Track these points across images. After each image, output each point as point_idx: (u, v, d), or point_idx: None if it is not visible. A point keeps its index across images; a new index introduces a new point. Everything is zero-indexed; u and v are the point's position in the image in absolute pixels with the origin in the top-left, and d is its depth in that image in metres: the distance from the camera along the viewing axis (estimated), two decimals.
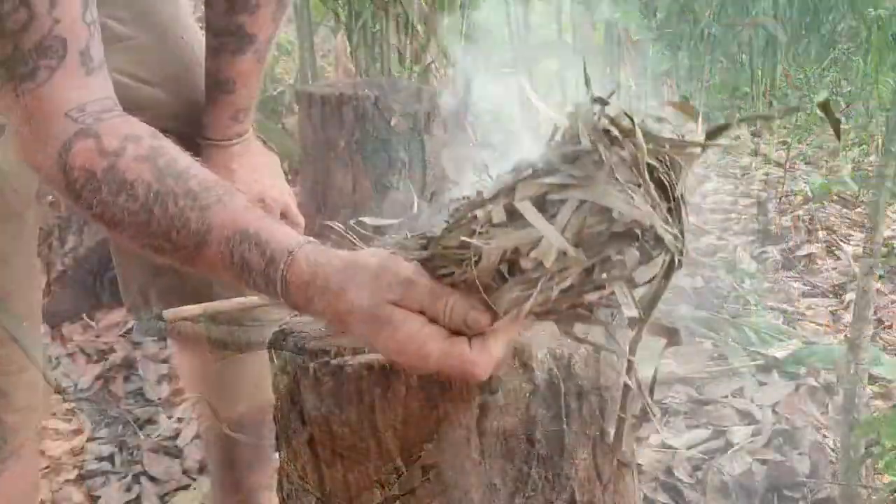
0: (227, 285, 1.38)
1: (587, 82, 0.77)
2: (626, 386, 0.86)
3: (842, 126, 5.04)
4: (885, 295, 2.72)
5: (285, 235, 0.85)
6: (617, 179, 0.72)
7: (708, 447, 2.02)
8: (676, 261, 0.76)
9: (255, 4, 1.24)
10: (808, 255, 3.06)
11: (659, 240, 0.74)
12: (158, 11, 1.32)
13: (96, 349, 2.72)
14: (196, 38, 1.38)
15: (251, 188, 1.32)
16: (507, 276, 0.76)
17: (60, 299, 2.87)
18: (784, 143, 4.44)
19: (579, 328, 0.82)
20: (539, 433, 0.90)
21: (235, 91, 1.29)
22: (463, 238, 0.76)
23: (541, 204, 0.74)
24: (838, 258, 3.06)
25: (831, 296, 2.82)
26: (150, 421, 2.35)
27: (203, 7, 1.29)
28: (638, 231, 0.73)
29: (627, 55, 4.05)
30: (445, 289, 0.78)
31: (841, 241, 3.18)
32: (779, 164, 4.07)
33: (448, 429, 0.88)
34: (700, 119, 0.77)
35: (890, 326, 2.57)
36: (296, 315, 0.96)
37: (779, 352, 2.32)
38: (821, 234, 3.26)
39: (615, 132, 0.73)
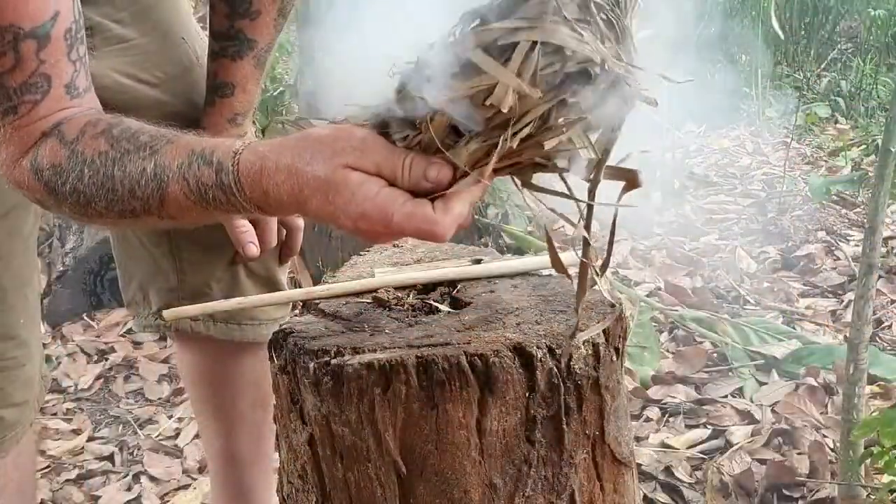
0: (219, 278, 1.38)
1: None
2: (584, 238, 0.83)
3: (842, 126, 5.05)
4: (885, 295, 2.72)
5: (230, 142, 0.85)
6: (566, 18, 0.71)
7: (708, 447, 2.03)
8: (629, 98, 0.74)
9: (255, 11, 1.25)
10: (808, 255, 3.06)
11: (612, 79, 0.72)
12: (159, 13, 1.33)
13: (96, 349, 2.72)
14: (197, 39, 1.38)
15: None
16: (463, 132, 0.74)
17: (60, 299, 2.87)
18: (784, 143, 4.44)
19: (538, 178, 0.80)
20: (539, 433, 0.90)
21: (234, 95, 1.29)
22: (416, 95, 0.74)
23: (492, 51, 0.72)
24: (838, 258, 3.06)
25: (831, 296, 2.82)
26: (150, 421, 2.36)
27: (206, 9, 1.30)
28: (591, 70, 0.72)
29: None
30: (402, 149, 0.76)
31: (841, 241, 3.19)
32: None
33: (448, 429, 0.88)
34: None
35: (890, 326, 2.57)
36: (295, 314, 0.96)
37: (779, 352, 2.32)
38: (820, 234, 3.26)
39: None
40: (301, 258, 2.72)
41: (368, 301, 1.05)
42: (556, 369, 0.89)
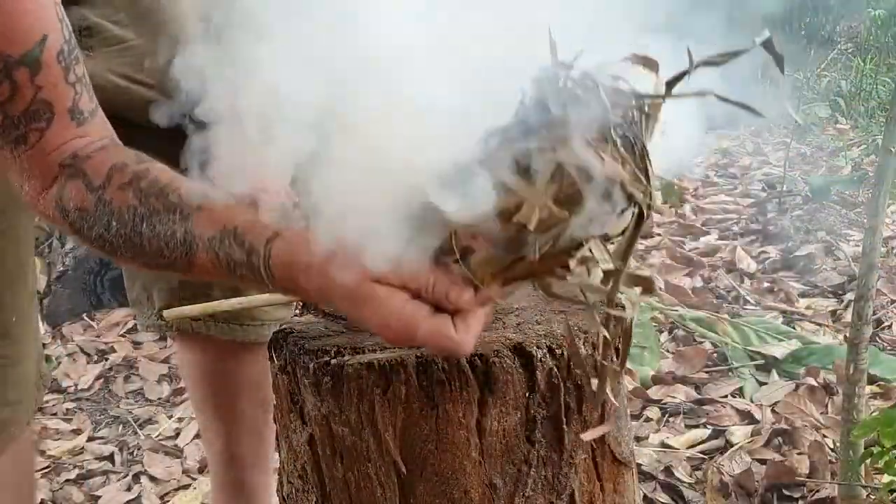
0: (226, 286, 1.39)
1: (552, 48, 0.77)
2: (605, 338, 0.85)
3: (842, 126, 5.05)
4: (885, 295, 2.72)
5: (263, 225, 0.86)
6: (587, 140, 0.74)
7: (708, 447, 2.03)
8: (645, 212, 0.78)
9: None
10: (808, 255, 3.06)
11: (629, 194, 0.75)
12: (157, 13, 1.32)
13: (96, 349, 2.72)
14: None
15: (243, 192, 1.32)
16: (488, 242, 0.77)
17: (60, 299, 2.87)
18: (784, 143, 4.44)
19: (557, 286, 0.82)
20: (539, 433, 0.90)
21: None
22: (440, 208, 0.76)
23: (517, 170, 0.75)
24: (838, 258, 3.06)
25: (831, 296, 2.82)
26: (150, 421, 2.36)
27: None
28: (610, 188, 0.74)
29: None
30: (425, 265, 0.78)
31: (841, 241, 3.19)
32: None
33: (448, 429, 0.88)
34: (659, 71, 0.78)
35: (890, 326, 2.57)
36: (296, 314, 0.97)
37: (779, 352, 2.32)
38: (820, 234, 3.26)
39: (581, 94, 0.75)
40: None
41: None
42: (555, 369, 0.89)
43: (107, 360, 2.66)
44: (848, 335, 1.64)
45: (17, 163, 0.93)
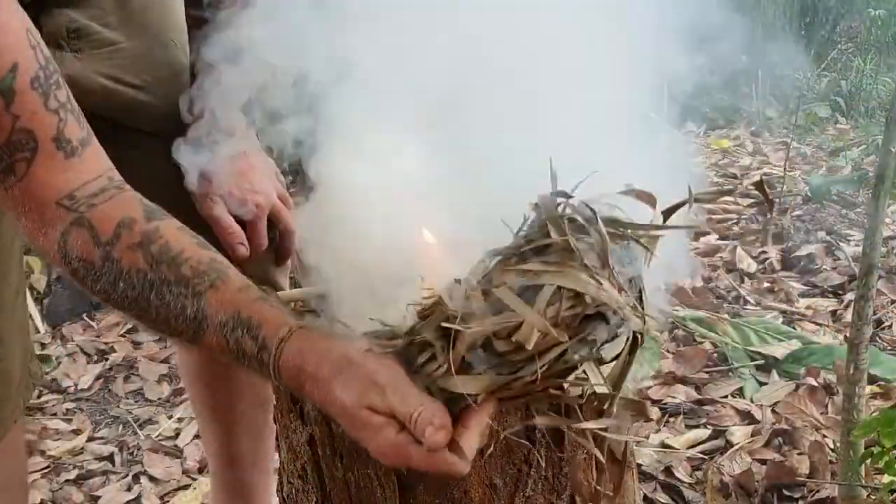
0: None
1: (553, 178, 0.82)
2: (597, 459, 0.91)
3: (842, 126, 5.05)
4: (885, 295, 2.72)
5: (276, 320, 0.87)
6: (586, 265, 0.78)
7: (708, 447, 2.02)
8: (639, 338, 0.81)
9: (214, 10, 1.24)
10: (808, 255, 3.06)
11: (623, 319, 0.79)
12: (147, 15, 1.32)
13: (96, 349, 2.72)
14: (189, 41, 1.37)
15: (233, 194, 1.32)
16: (482, 357, 0.79)
17: (60, 299, 2.87)
18: (784, 143, 4.44)
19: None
20: (539, 433, 0.90)
21: None
22: (442, 324, 0.80)
23: (517, 290, 0.79)
24: (838, 258, 3.06)
25: (831, 296, 2.82)
26: (150, 421, 2.36)
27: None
28: (606, 314, 0.79)
29: None
30: (415, 396, 0.81)
31: (841, 241, 3.18)
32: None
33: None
34: (657, 204, 0.83)
35: (890, 326, 2.57)
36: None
37: (779, 352, 2.32)
38: (820, 234, 3.26)
39: (580, 221, 0.80)
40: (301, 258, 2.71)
41: None
42: None
43: (107, 360, 2.66)
44: (848, 335, 1.64)
45: (9, 196, 0.92)
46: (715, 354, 2.40)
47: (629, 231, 0.82)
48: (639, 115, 0.95)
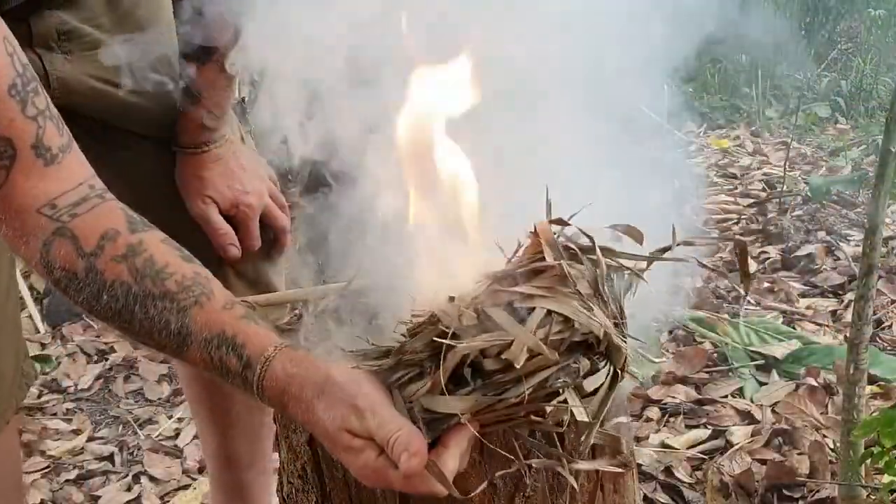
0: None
1: (548, 207, 0.84)
2: (572, 488, 0.92)
3: (842, 126, 5.05)
4: (885, 295, 2.71)
5: (261, 339, 0.88)
6: (578, 292, 0.80)
7: (708, 447, 2.02)
8: (620, 372, 0.83)
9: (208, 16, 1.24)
10: (808, 255, 3.05)
11: (606, 350, 0.81)
12: (139, 15, 1.32)
13: (96, 349, 2.72)
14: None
15: (224, 195, 1.32)
16: (468, 378, 0.81)
17: (60, 299, 2.87)
18: (784, 143, 4.44)
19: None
20: (539, 433, 0.90)
21: (202, 100, 1.29)
22: (434, 338, 0.81)
23: (509, 312, 0.81)
24: (838, 258, 3.06)
25: (831, 296, 2.82)
26: (150, 421, 2.36)
27: None
28: (592, 341, 0.81)
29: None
30: (394, 421, 0.81)
31: (841, 241, 3.18)
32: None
33: None
34: (644, 241, 0.86)
35: (890, 326, 2.57)
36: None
37: (779, 352, 2.32)
38: (820, 234, 3.26)
39: (575, 249, 0.82)
40: (299, 255, 2.71)
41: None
42: None
43: (107, 360, 2.66)
44: (848, 335, 1.64)
45: None
46: (715, 354, 2.40)
47: (622, 261, 0.84)
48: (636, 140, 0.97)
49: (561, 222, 0.84)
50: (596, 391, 0.82)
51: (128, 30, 1.30)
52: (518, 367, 0.77)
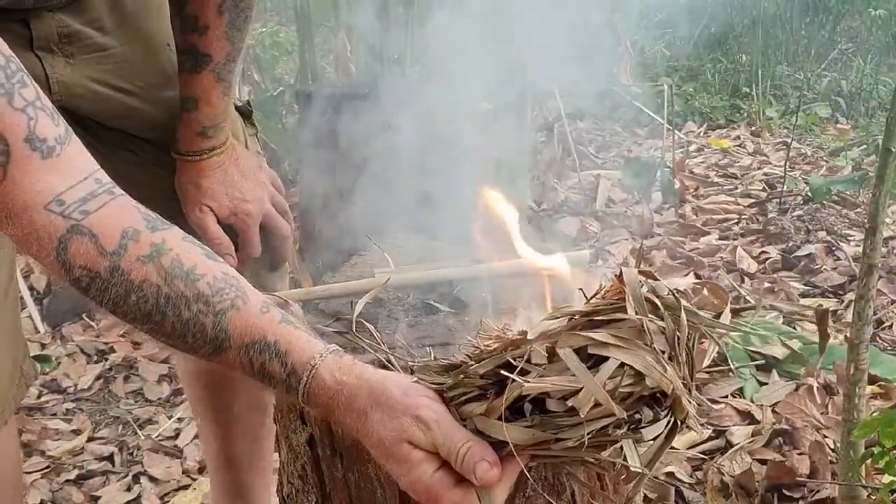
0: None
1: (639, 255, 0.88)
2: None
3: (842, 126, 5.05)
4: (886, 295, 2.71)
5: (305, 345, 0.87)
6: (654, 348, 0.79)
7: (708, 447, 2.02)
8: (680, 426, 0.83)
9: (203, 25, 1.23)
10: (808, 255, 3.05)
11: (676, 408, 0.81)
12: (142, 20, 1.31)
13: (96, 349, 2.72)
14: None
15: (222, 203, 1.31)
16: (526, 411, 0.80)
17: (60, 299, 2.87)
18: (784, 143, 4.44)
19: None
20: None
21: (198, 109, 1.28)
22: (500, 370, 0.80)
23: (580, 355, 0.79)
24: (838, 258, 3.06)
25: (831, 296, 2.82)
26: (150, 421, 2.36)
27: None
28: (659, 395, 0.80)
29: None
30: (461, 433, 0.81)
31: (841, 241, 3.18)
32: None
33: None
34: (729, 302, 0.86)
35: (890, 326, 2.57)
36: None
37: (779, 352, 2.32)
38: (821, 234, 3.26)
39: (658, 303, 0.81)
40: (300, 258, 2.72)
41: (369, 301, 1.05)
42: None
43: (107, 360, 2.66)
44: (848, 335, 1.64)
45: None
46: (715, 354, 2.39)
47: (703, 325, 0.85)
48: None
49: (649, 275, 0.83)
50: (653, 440, 0.82)
51: (129, 34, 1.30)
52: (582, 416, 0.77)
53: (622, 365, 0.78)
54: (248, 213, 1.33)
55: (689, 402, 0.82)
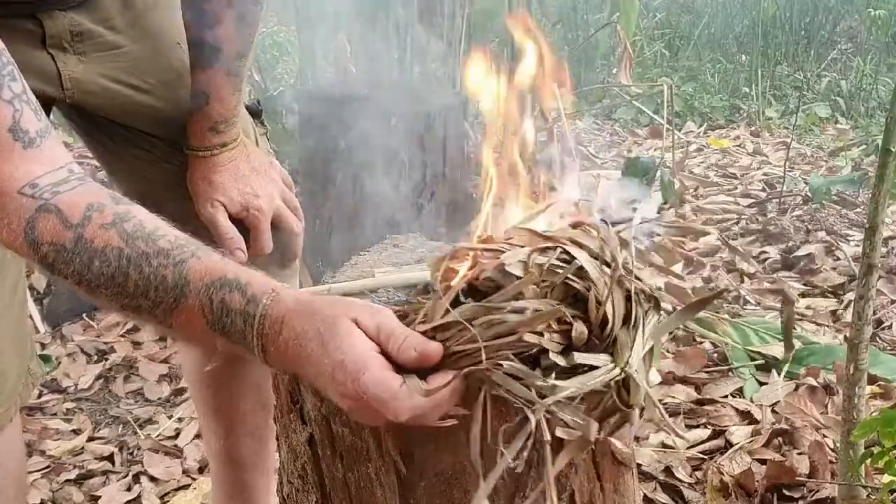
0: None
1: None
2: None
3: (842, 126, 5.05)
4: (885, 295, 2.71)
5: (266, 279, 0.88)
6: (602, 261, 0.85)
7: (708, 447, 2.02)
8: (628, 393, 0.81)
9: (213, 19, 1.24)
10: (808, 255, 3.06)
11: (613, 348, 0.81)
12: (154, 18, 1.32)
13: (96, 349, 2.72)
14: None
15: (233, 199, 1.32)
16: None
17: (60, 299, 2.87)
18: (784, 143, 4.44)
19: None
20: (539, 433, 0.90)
21: (209, 104, 1.29)
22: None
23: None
24: (838, 258, 3.06)
25: (831, 296, 2.82)
26: (150, 421, 2.36)
27: None
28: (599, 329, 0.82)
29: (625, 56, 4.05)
30: (403, 327, 0.82)
31: (841, 241, 3.18)
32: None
33: (448, 428, 0.88)
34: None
35: (890, 326, 2.57)
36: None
37: (779, 352, 2.32)
38: (820, 234, 3.26)
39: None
40: (301, 258, 2.72)
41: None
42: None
43: (107, 360, 2.66)
44: (848, 335, 1.64)
45: None
46: (715, 354, 2.40)
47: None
48: None
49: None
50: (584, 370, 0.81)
51: (140, 32, 1.31)
52: (509, 270, 0.81)
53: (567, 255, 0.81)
54: (259, 208, 1.33)
55: (639, 378, 0.81)
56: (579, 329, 0.80)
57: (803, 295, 2.82)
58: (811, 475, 1.85)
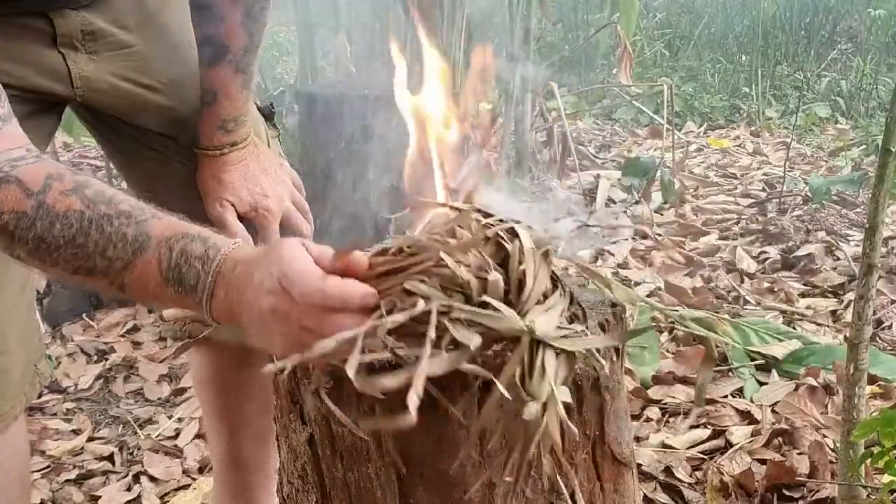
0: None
1: None
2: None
3: (842, 126, 5.04)
4: (885, 295, 2.71)
5: (228, 238, 0.91)
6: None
7: (708, 447, 2.02)
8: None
9: (219, 15, 1.25)
10: (808, 255, 3.06)
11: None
12: (165, 18, 1.32)
13: (96, 349, 2.72)
14: None
15: (242, 198, 1.32)
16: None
17: (60, 299, 2.87)
18: (784, 143, 4.44)
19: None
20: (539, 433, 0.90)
21: (217, 101, 1.29)
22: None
23: None
24: (838, 258, 3.06)
25: (831, 296, 2.82)
26: (150, 421, 2.36)
27: None
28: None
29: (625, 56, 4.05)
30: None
31: (841, 241, 3.18)
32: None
33: (448, 429, 0.88)
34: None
35: (890, 326, 2.57)
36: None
37: (779, 352, 2.32)
38: (820, 234, 3.26)
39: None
40: None
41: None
42: None
43: (107, 360, 2.66)
44: (848, 335, 1.64)
45: None
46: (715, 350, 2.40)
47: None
48: None
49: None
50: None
51: (151, 32, 1.31)
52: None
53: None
54: (268, 209, 1.34)
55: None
56: (494, 277, 0.81)
57: (803, 295, 2.82)
58: (811, 475, 1.85)
